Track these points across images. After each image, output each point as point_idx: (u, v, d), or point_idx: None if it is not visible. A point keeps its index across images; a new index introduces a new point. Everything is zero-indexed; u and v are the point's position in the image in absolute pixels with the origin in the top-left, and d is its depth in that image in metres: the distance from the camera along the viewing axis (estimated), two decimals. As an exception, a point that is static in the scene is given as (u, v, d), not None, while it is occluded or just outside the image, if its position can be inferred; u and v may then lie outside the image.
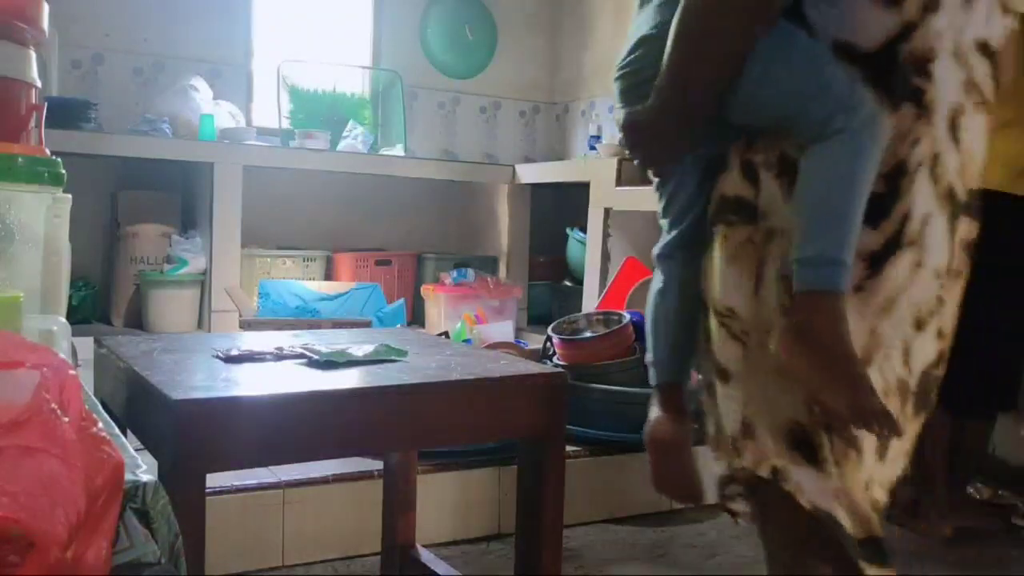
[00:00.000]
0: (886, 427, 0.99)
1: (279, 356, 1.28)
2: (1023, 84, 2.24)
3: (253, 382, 1.15)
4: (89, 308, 3.68)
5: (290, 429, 1.07)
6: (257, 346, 1.33)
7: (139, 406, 1.13)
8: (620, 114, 1.25)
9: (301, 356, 1.28)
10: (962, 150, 1.12)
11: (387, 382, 1.19)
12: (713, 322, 1.19)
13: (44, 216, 1.04)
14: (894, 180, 1.08)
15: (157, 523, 0.70)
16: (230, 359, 1.24)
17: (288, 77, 4.21)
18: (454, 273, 3.84)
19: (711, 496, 1.26)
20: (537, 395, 1.24)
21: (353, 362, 1.25)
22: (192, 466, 1.00)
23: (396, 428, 1.15)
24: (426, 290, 3.86)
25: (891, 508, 2.68)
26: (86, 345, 1.37)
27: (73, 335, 1.08)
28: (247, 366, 1.22)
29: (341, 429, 1.11)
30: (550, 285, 4.33)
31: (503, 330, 3.35)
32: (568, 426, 1.28)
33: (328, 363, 1.23)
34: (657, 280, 1.32)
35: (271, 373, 1.21)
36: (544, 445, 1.24)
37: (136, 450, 0.79)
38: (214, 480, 1.79)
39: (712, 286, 1.19)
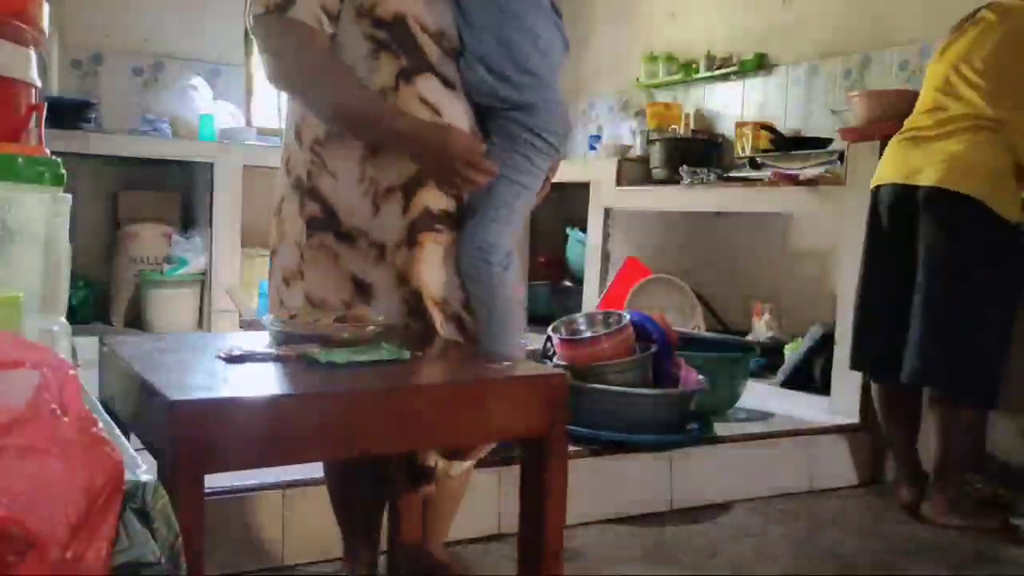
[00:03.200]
0: None
1: (279, 356, 1.28)
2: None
3: (253, 382, 1.15)
4: (89, 308, 3.68)
5: (290, 430, 1.07)
6: (257, 346, 1.33)
7: (139, 406, 1.13)
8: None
9: (301, 356, 1.28)
10: None
11: (387, 382, 1.19)
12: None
13: (44, 216, 1.04)
14: None
15: (157, 523, 0.70)
16: (230, 359, 1.24)
17: (288, 77, 4.21)
18: (454, 273, 3.84)
19: None
20: (537, 395, 1.24)
21: (353, 362, 1.25)
22: (192, 466, 0.99)
23: (396, 428, 1.15)
24: (426, 290, 3.85)
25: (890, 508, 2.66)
26: (87, 345, 1.37)
27: (73, 335, 1.08)
28: (247, 366, 1.22)
29: (341, 429, 1.10)
30: (550, 285, 4.33)
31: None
32: (568, 426, 1.28)
33: (328, 363, 1.23)
34: None
35: (271, 374, 1.21)
36: (545, 445, 1.24)
37: (136, 450, 0.79)
38: (214, 480, 1.79)
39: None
